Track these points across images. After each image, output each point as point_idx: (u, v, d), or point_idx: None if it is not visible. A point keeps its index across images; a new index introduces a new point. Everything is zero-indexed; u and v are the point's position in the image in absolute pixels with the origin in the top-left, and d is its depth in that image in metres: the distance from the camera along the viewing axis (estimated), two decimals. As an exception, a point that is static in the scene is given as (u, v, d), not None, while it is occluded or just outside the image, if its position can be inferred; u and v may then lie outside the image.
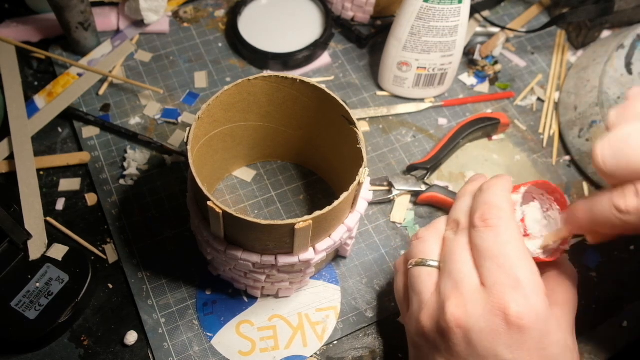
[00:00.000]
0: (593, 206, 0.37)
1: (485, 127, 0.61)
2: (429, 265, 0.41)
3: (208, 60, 0.66)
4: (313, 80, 0.48)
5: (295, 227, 0.41)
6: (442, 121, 0.63)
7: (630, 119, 0.36)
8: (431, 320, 0.39)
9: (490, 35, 0.70)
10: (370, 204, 0.57)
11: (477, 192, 0.42)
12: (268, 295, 0.52)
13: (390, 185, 0.58)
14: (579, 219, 0.38)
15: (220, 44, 0.67)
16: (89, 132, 0.60)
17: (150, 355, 0.50)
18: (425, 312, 0.40)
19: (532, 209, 0.43)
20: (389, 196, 0.57)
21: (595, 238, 0.40)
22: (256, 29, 0.66)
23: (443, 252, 0.42)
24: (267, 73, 0.48)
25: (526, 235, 0.42)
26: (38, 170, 0.57)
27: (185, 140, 0.44)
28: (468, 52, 0.67)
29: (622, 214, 0.35)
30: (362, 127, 0.62)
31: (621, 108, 0.37)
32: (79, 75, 0.63)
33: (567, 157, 0.62)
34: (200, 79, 0.64)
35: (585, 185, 0.60)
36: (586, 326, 0.53)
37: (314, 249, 0.46)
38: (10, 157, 0.57)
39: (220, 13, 0.70)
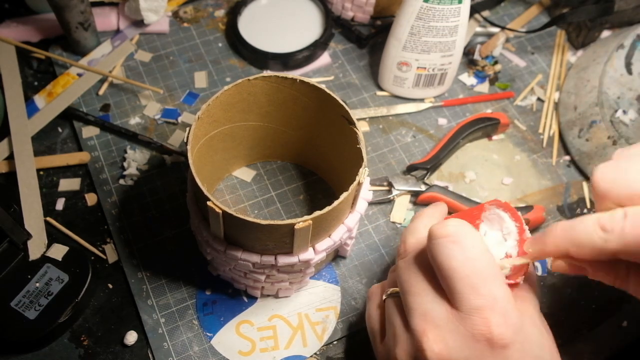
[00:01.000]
0: (575, 225, 0.36)
1: (485, 127, 0.61)
2: None
3: (208, 60, 0.66)
4: (313, 80, 0.48)
5: (295, 227, 0.41)
6: (442, 121, 0.63)
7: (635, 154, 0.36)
8: (408, 356, 0.38)
9: (490, 35, 0.70)
10: (370, 204, 0.57)
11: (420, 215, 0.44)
12: (268, 295, 0.52)
13: (390, 185, 0.58)
14: (557, 236, 0.36)
15: (220, 44, 0.67)
16: (88, 132, 0.60)
17: (150, 355, 0.50)
18: (400, 347, 0.38)
19: (490, 230, 0.40)
20: (388, 196, 0.57)
21: (559, 266, 0.39)
22: (256, 29, 0.66)
23: (399, 281, 0.40)
24: (267, 73, 0.48)
25: None
26: (38, 170, 0.57)
27: (185, 140, 0.44)
28: (468, 52, 0.67)
29: (606, 233, 0.34)
30: (362, 127, 0.62)
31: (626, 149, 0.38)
32: (79, 75, 0.63)
33: (567, 157, 0.62)
34: (200, 79, 0.64)
35: (585, 185, 0.60)
36: (586, 326, 0.53)
37: (313, 249, 0.46)
38: (10, 157, 0.57)
39: (220, 13, 0.70)
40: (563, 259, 0.38)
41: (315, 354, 0.50)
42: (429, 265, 0.38)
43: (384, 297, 0.42)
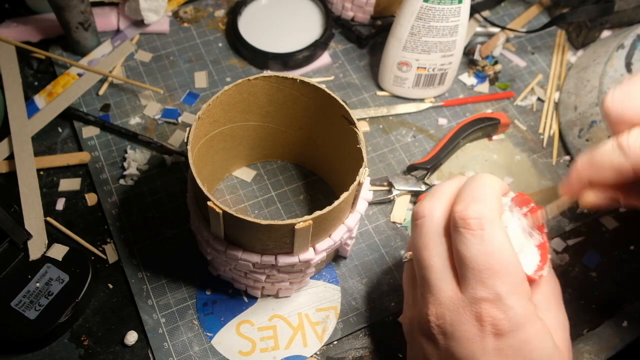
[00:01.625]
0: (595, 151, 0.37)
1: (485, 127, 0.61)
2: None
3: (208, 60, 0.66)
4: (313, 80, 0.48)
5: (295, 227, 0.41)
6: (442, 121, 0.63)
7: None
8: (414, 319, 0.40)
9: (490, 35, 0.70)
10: (370, 204, 0.57)
11: (465, 183, 0.40)
12: (268, 295, 0.52)
13: (390, 185, 0.58)
14: (579, 166, 0.38)
15: (220, 44, 0.67)
16: (89, 132, 0.60)
17: (150, 355, 0.50)
18: (409, 311, 0.41)
19: (513, 222, 0.40)
20: (389, 196, 0.57)
21: (589, 198, 0.39)
22: (256, 29, 0.66)
23: (414, 245, 0.40)
24: (267, 73, 0.48)
25: None
26: (38, 170, 0.57)
27: (185, 140, 0.44)
28: (468, 52, 0.67)
29: (624, 150, 0.35)
30: (362, 127, 0.62)
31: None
32: (79, 75, 0.63)
33: (567, 157, 0.62)
34: (200, 79, 0.64)
35: (585, 185, 0.60)
36: (586, 326, 0.53)
37: (314, 249, 0.46)
38: (10, 157, 0.57)
39: (220, 13, 0.70)
40: (590, 190, 0.39)
41: (315, 354, 0.50)
42: (447, 239, 0.39)
43: (403, 260, 0.43)
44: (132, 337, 0.50)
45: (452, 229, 0.38)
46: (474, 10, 0.68)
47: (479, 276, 0.36)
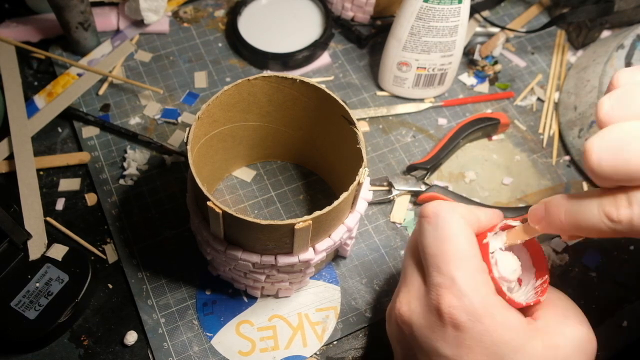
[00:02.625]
0: (579, 211, 0.34)
1: (485, 127, 0.61)
2: None
3: (208, 60, 0.66)
4: (313, 80, 0.48)
5: (295, 227, 0.41)
6: (442, 121, 0.63)
7: (630, 115, 0.32)
8: (390, 310, 0.42)
9: (490, 35, 0.70)
10: (370, 204, 0.57)
11: None
12: (268, 295, 0.52)
13: (390, 185, 0.58)
14: (561, 222, 0.35)
15: (220, 44, 0.67)
16: (88, 132, 0.60)
17: (150, 355, 0.50)
18: (389, 307, 0.43)
19: (506, 256, 0.40)
20: (388, 196, 0.57)
21: (571, 238, 0.39)
22: (256, 29, 0.66)
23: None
24: (267, 73, 0.48)
25: (497, 284, 0.38)
26: (38, 170, 0.57)
27: (185, 140, 0.44)
28: (468, 52, 0.67)
29: (614, 223, 0.33)
30: (362, 127, 0.62)
31: (615, 99, 0.33)
32: (79, 75, 0.63)
33: (567, 157, 0.62)
34: (200, 79, 0.64)
35: (585, 185, 0.60)
36: (586, 326, 0.53)
37: (313, 249, 0.46)
38: (10, 157, 0.57)
39: (220, 13, 0.70)
40: (572, 236, 0.38)
41: (315, 354, 0.50)
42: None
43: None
44: (131, 337, 0.50)
45: (417, 224, 0.41)
46: (474, 10, 0.68)
47: (434, 262, 0.38)
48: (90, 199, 0.56)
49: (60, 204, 0.56)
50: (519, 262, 0.40)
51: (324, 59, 0.67)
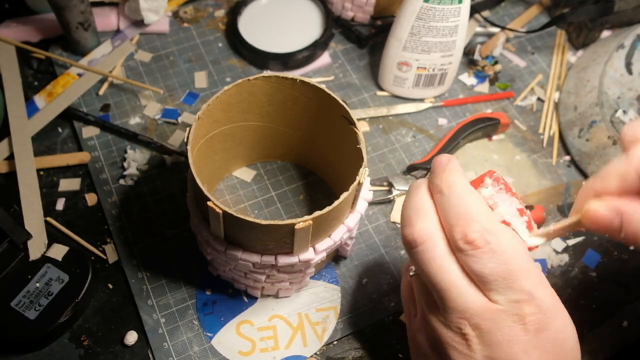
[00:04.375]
0: (602, 172, 0.36)
1: (485, 127, 0.61)
2: None
3: (208, 60, 0.66)
4: (313, 80, 0.48)
5: (295, 227, 0.41)
6: (442, 121, 0.63)
7: None
8: (427, 339, 0.39)
9: (490, 35, 0.70)
10: (370, 204, 0.57)
11: (438, 195, 0.38)
12: (268, 295, 0.52)
13: (390, 185, 0.58)
14: (586, 183, 0.36)
15: (220, 44, 0.67)
16: (89, 132, 0.60)
17: (150, 355, 0.50)
18: (416, 325, 0.41)
19: (503, 201, 0.40)
20: (389, 196, 0.57)
21: (592, 206, 0.37)
22: (256, 29, 0.66)
23: (424, 271, 0.38)
24: (267, 73, 0.48)
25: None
26: (38, 170, 0.57)
27: (185, 140, 0.44)
28: (468, 52, 0.67)
29: (630, 159, 0.34)
30: (362, 127, 0.62)
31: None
32: (79, 75, 0.63)
33: (567, 157, 0.62)
34: (200, 79, 0.64)
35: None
36: (586, 326, 0.53)
37: (314, 249, 0.46)
38: (10, 157, 0.57)
39: (220, 13, 0.70)
40: (594, 200, 0.37)
41: (315, 354, 0.50)
42: (454, 257, 0.38)
43: (410, 274, 0.42)
44: (132, 337, 0.50)
45: (457, 252, 0.37)
46: (474, 10, 0.68)
47: (504, 284, 0.36)
48: (91, 199, 0.56)
49: (60, 204, 0.56)
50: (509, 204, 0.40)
51: (324, 59, 0.67)
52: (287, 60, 0.64)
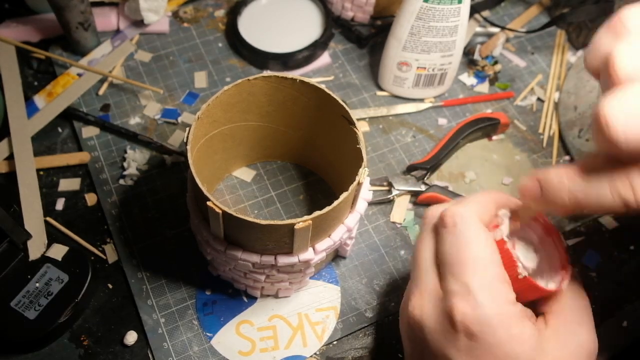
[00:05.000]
0: (587, 194, 0.31)
1: (485, 127, 0.61)
2: None
3: (208, 60, 0.66)
4: (313, 80, 0.48)
5: (295, 227, 0.41)
6: (442, 121, 0.63)
7: None
8: (401, 309, 0.42)
9: (490, 35, 0.70)
10: (370, 204, 0.57)
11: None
12: (268, 295, 0.52)
13: (390, 185, 0.58)
14: (563, 202, 0.32)
15: (220, 44, 0.67)
16: (88, 132, 0.60)
17: (150, 355, 0.50)
18: (403, 299, 0.42)
19: (519, 246, 0.40)
20: (388, 196, 0.57)
21: (566, 214, 0.38)
22: (256, 29, 0.66)
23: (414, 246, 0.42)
24: (267, 73, 0.48)
25: (513, 265, 0.38)
26: (38, 170, 0.57)
27: (185, 140, 0.44)
28: (468, 52, 0.67)
29: (630, 207, 0.29)
30: (362, 127, 0.62)
31: (634, 50, 0.28)
32: (79, 75, 0.63)
33: (567, 157, 0.62)
34: (200, 79, 0.64)
35: (585, 185, 0.60)
36: (586, 326, 0.53)
37: (313, 249, 0.46)
38: (10, 157, 0.57)
39: (220, 13, 0.70)
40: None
41: (315, 354, 0.50)
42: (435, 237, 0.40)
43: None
44: (131, 337, 0.50)
45: (438, 232, 0.39)
46: (474, 10, 0.68)
47: (451, 269, 0.37)
48: (90, 199, 0.56)
49: (60, 204, 0.56)
50: (532, 251, 0.40)
51: (324, 59, 0.67)
52: (287, 60, 0.64)
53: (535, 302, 0.39)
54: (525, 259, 0.40)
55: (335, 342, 0.51)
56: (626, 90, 0.27)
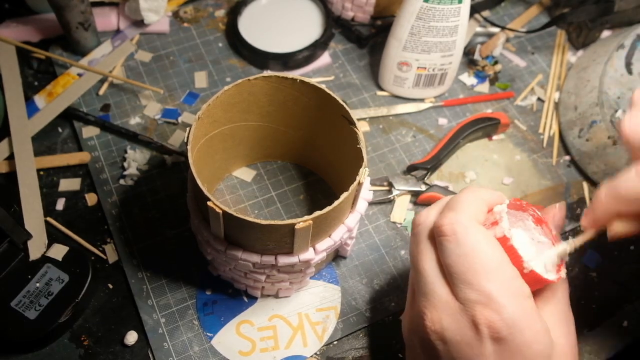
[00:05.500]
0: (619, 184, 0.36)
1: (485, 127, 0.61)
2: None
3: (208, 60, 0.66)
4: (313, 80, 0.48)
5: (295, 227, 0.41)
6: (442, 121, 0.63)
7: None
8: (411, 324, 0.40)
9: (490, 35, 0.70)
10: (370, 204, 0.57)
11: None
12: (268, 295, 0.52)
13: (390, 185, 0.58)
14: (604, 201, 0.37)
15: (220, 44, 0.67)
16: (89, 132, 0.60)
17: (150, 355, 0.50)
18: (407, 314, 0.41)
19: (518, 233, 0.40)
20: (389, 196, 0.57)
21: (617, 229, 0.38)
22: (256, 29, 0.66)
23: (411, 252, 0.41)
24: (267, 73, 0.48)
25: (519, 260, 0.38)
26: (38, 170, 0.57)
27: (185, 140, 0.44)
28: (468, 52, 0.67)
29: None
30: (362, 127, 0.62)
31: None
32: (79, 75, 0.63)
33: (567, 157, 0.62)
34: (200, 79, 0.64)
35: (585, 185, 0.60)
36: (586, 326, 0.53)
37: (314, 249, 0.46)
38: (10, 157, 0.57)
39: (220, 13, 0.70)
40: (618, 221, 0.38)
41: (315, 354, 0.50)
42: (434, 245, 0.39)
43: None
44: (132, 337, 0.50)
45: (437, 242, 0.38)
46: (474, 10, 0.68)
47: (464, 279, 0.36)
48: (91, 199, 0.56)
49: (60, 204, 0.56)
50: (530, 242, 0.40)
51: (324, 59, 0.67)
52: (287, 60, 0.64)
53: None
54: (526, 251, 0.39)
55: (335, 342, 0.51)
56: (635, 111, 0.36)
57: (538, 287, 0.38)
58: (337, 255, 0.54)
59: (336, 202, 0.42)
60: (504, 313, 0.35)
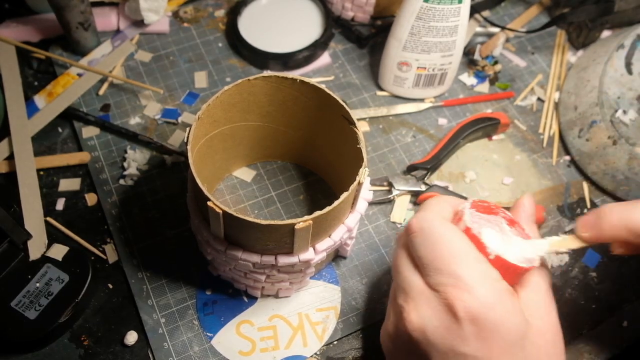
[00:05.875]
0: (632, 213, 0.38)
1: (485, 127, 0.61)
2: None
3: (208, 60, 0.66)
4: (313, 80, 0.48)
5: (295, 227, 0.41)
6: (442, 121, 0.63)
7: None
8: (393, 327, 0.41)
9: (490, 35, 0.70)
10: (370, 204, 0.57)
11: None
12: (268, 295, 0.52)
13: (390, 185, 0.58)
14: (612, 225, 0.38)
15: (220, 44, 0.67)
16: (89, 132, 0.60)
17: (150, 355, 0.50)
18: (388, 321, 0.42)
19: (488, 231, 0.41)
20: (389, 196, 0.57)
21: (621, 251, 0.40)
22: (256, 29, 0.66)
23: (392, 265, 0.43)
24: (267, 73, 0.48)
25: (482, 247, 0.39)
26: (38, 170, 0.57)
27: (185, 140, 0.44)
28: (468, 52, 0.67)
29: None
30: (362, 127, 0.62)
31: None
32: (79, 75, 0.63)
33: (567, 157, 0.62)
34: (200, 79, 0.64)
35: (585, 185, 0.60)
36: (586, 326, 0.53)
37: (314, 249, 0.46)
38: (10, 157, 0.57)
39: (220, 13, 0.70)
40: (620, 244, 0.40)
41: (315, 354, 0.50)
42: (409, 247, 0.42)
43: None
44: (132, 337, 0.50)
45: (407, 240, 0.41)
46: (474, 10, 0.68)
47: (434, 266, 0.38)
48: (91, 199, 0.56)
49: (60, 204, 0.56)
50: (500, 236, 0.41)
51: (324, 59, 0.67)
52: (287, 60, 0.64)
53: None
54: (495, 243, 0.40)
55: (335, 342, 0.51)
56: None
57: (511, 274, 0.39)
58: (337, 255, 0.54)
59: (336, 202, 0.42)
60: (474, 291, 0.36)
